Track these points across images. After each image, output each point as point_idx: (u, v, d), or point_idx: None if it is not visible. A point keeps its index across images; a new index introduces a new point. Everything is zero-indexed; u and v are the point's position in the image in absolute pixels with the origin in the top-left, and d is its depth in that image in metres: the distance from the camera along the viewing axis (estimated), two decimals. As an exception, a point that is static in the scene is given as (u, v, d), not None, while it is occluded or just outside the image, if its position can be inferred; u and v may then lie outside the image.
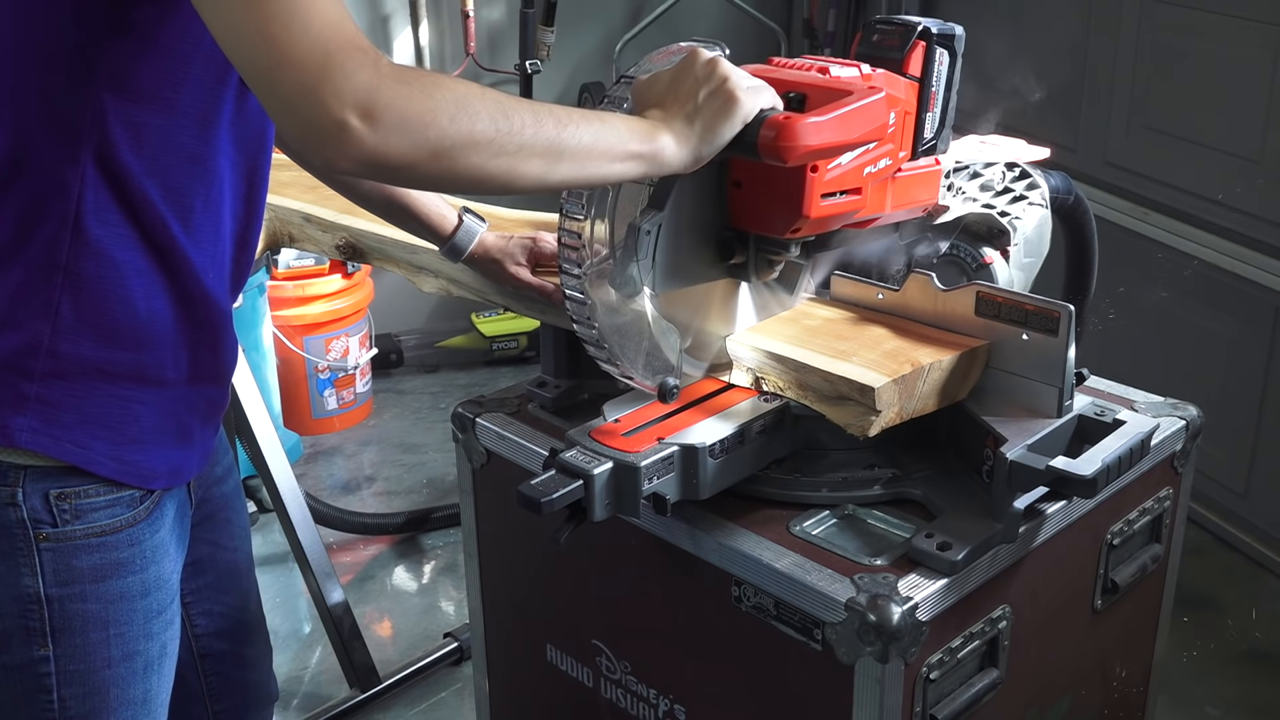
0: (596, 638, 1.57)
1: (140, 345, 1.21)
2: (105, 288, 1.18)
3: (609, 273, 1.28)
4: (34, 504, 1.19)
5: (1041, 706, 1.52)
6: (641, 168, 1.17)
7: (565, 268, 1.27)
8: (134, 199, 1.17)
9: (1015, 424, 1.35)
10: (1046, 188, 1.62)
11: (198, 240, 1.23)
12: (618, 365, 1.33)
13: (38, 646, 1.23)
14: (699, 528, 1.38)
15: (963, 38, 1.42)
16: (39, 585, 1.21)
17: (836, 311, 1.51)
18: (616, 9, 4.38)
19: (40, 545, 1.20)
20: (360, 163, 1.02)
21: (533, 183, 1.11)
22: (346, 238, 1.82)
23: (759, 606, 1.34)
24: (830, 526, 1.38)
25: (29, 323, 1.16)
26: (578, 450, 1.31)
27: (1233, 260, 2.96)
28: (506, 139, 1.07)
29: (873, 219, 1.40)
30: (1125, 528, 1.54)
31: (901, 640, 1.23)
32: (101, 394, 1.20)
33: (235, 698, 1.57)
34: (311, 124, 1.00)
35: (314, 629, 2.87)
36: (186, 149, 1.19)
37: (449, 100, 1.04)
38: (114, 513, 1.24)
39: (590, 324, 1.29)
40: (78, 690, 1.26)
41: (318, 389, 3.77)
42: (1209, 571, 3.03)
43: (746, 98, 1.20)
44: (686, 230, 1.32)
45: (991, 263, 1.55)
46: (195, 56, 1.15)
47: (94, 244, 1.16)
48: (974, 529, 1.31)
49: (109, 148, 1.14)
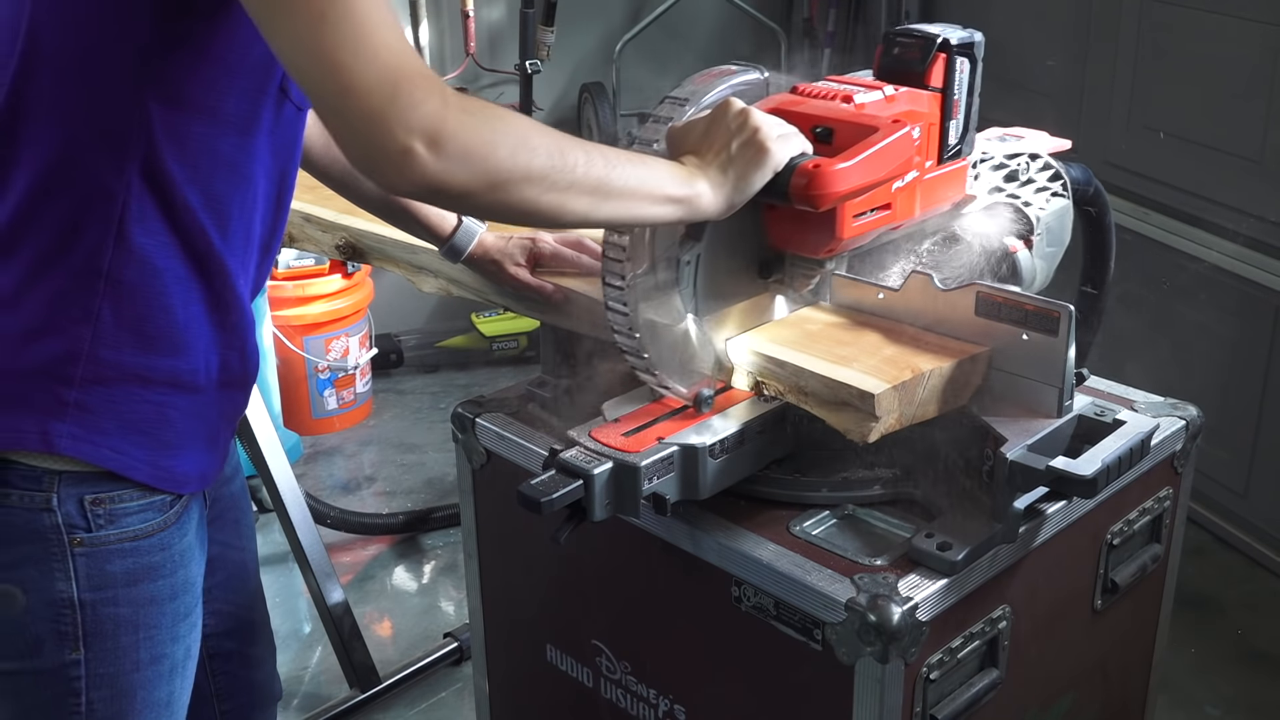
0: (596, 638, 1.57)
1: (177, 351, 1.23)
2: (146, 294, 1.19)
3: (650, 300, 1.31)
4: (69, 509, 1.21)
5: (1041, 706, 1.52)
6: (679, 212, 1.22)
7: (609, 280, 1.30)
8: (176, 206, 1.18)
9: (1015, 424, 1.34)
10: (1068, 179, 1.63)
11: (232, 246, 1.24)
12: (655, 374, 1.35)
13: (69, 650, 1.24)
14: (699, 528, 1.38)
15: (982, 44, 1.44)
16: (73, 590, 1.22)
17: (837, 316, 1.51)
18: (616, 9, 4.38)
19: (74, 550, 1.22)
20: (421, 188, 1.05)
21: (577, 219, 1.15)
22: (346, 238, 1.82)
23: (759, 606, 1.34)
24: (830, 526, 1.39)
25: (70, 329, 1.18)
26: (578, 450, 1.31)
27: (1233, 260, 2.96)
28: (559, 175, 1.11)
29: (903, 224, 1.44)
30: (1125, 528, 1.54)
31: (901, 640, 1.23)
32: (139, 400, 1.21)
33: (241, 697, 1.57)
34: (377, 149, 1.03)
35: (314, 629, 2.87)
36: (226, 157, 1.20)
37: (510, 134, 1.08)
38: (146, 517, 1.25)
39: (632, 334, 1.31)
40: (106, 693, 1.27)
41: (318, 389, 3.77)
42: (1209, 571, 3.03)
43: (777, 147, 1.24)
44: (724, 256, 1.36)
45: (1015, 252, 1.57)
46: (240, 66, 1.17)
47: (137, 251, 1.18)
48: (974, 529, 1.31)
49: (154, 156, 1.16)
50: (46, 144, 1.16)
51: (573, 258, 1.60)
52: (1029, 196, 1.60)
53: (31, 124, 1.15)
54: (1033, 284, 1.59)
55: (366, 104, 1.02)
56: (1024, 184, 1.60)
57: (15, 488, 1.20)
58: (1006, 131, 1.65)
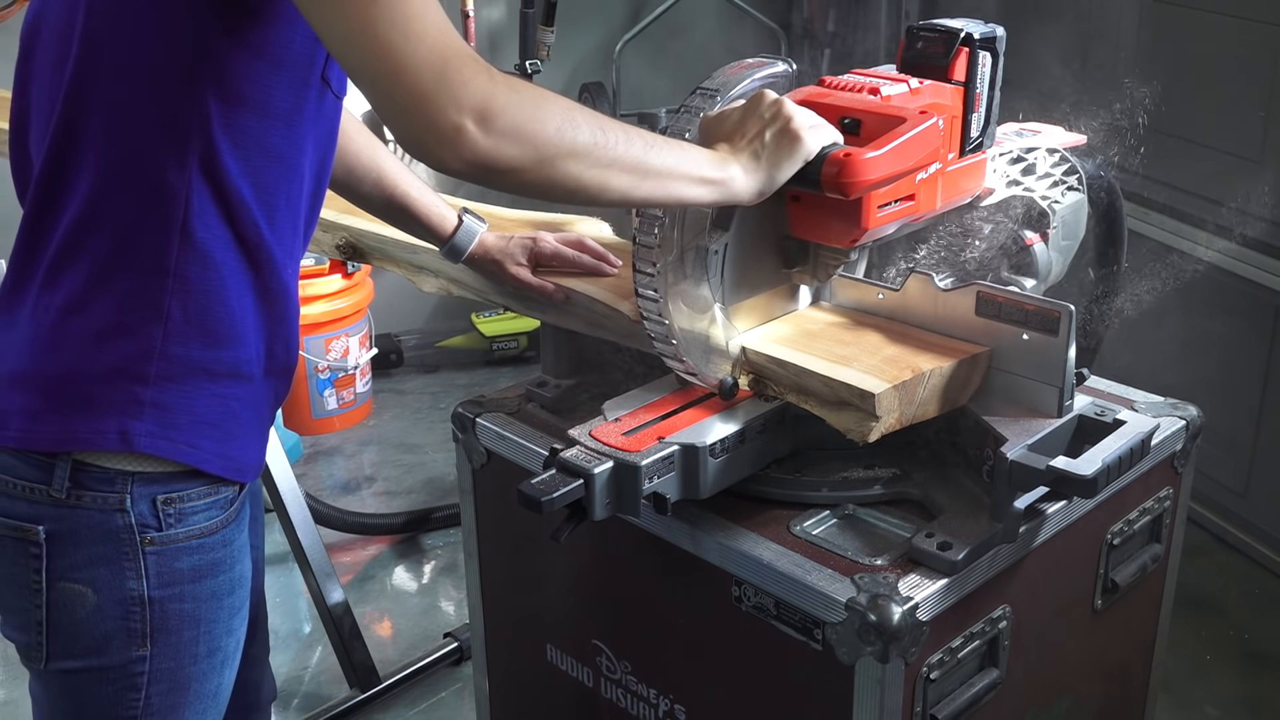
0: (596, 638, 1.57)
1: (235, 343, 1.25)
2: (208, 289, 1.22)
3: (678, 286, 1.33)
4: (141, 509, 1.23)
5: (1041, 706, 1.52)
6: (714, 194, 1.25)
7: (640, 266, 1.32)
8: (231, 200, 1.21)
9: (1015, 424, 1.35)
10: (1083, 173, 1.64)
11: (280, 237, 1.27)
12: (683, 361, 1.36)
13: (137, 647, 1.27)
14: (699, 527, 1.38)
15: (1003, 38, 1.46)
16: (143, 588, 1.25)
17: (837, 316, 1.51)
18: (616, 9, 4.38)
19: (145, 550, 1.24)
20: (472, 164, 1.07)
21: (619, 196, 1.17)
22: (346, 238, 1.82)
23: (759, 606, 1.34)
24: (830, 526, 1.38)
25: (141, 329, 1.20)
26: (578, 450, 1.31)
27: (1233, 260, 2.95)
28: (602, 152, 1.13)
29: (925, 215, 1.45)
30: (1125, 528, 1.54)
31: (902, 640, 1.23)
32: (207, 394, 1.24)
33: (238, 696, 1.57)
34: (429, 128, 1.05)
35: (314, 629, 2.87)
36: (275, 149, 1.23)
37: (556, 110, 1.11)
38: (210, 515, 1.28)
39: (661, 320, 1.33)
40: (165, 686, 1.30)
41: (318, 389, 3.77)
42: (1209, 571, 3.03)
43: (809, 136, 1.27)
44: (751, 245, 1.39)
45: (1032, 244, 1.59)
46: (285, 60, 1.19)
47: (199, 247, 1.20)
48: (974, 529, 1.31)
49: (212, 152, 1.18)
50: (110, 144, 1.18)
51: (573, 257, 1.60)
52: (1045, 190, 1.61)
53: (94, 125, 1.18)
54: (1049, 276, 1.60)
55: (416, 83, 1.04)
56: (1040, 177, 1.62)
57: (89, 489, 1.22)
58: (1023, 126, 1.66)
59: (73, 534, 1.23)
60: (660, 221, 1.30)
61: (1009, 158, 1.59)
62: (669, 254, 1.31)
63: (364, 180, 1.57)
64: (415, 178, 1.60)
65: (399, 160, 1.62)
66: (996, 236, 1.59)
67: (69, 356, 1.20)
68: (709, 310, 1.37)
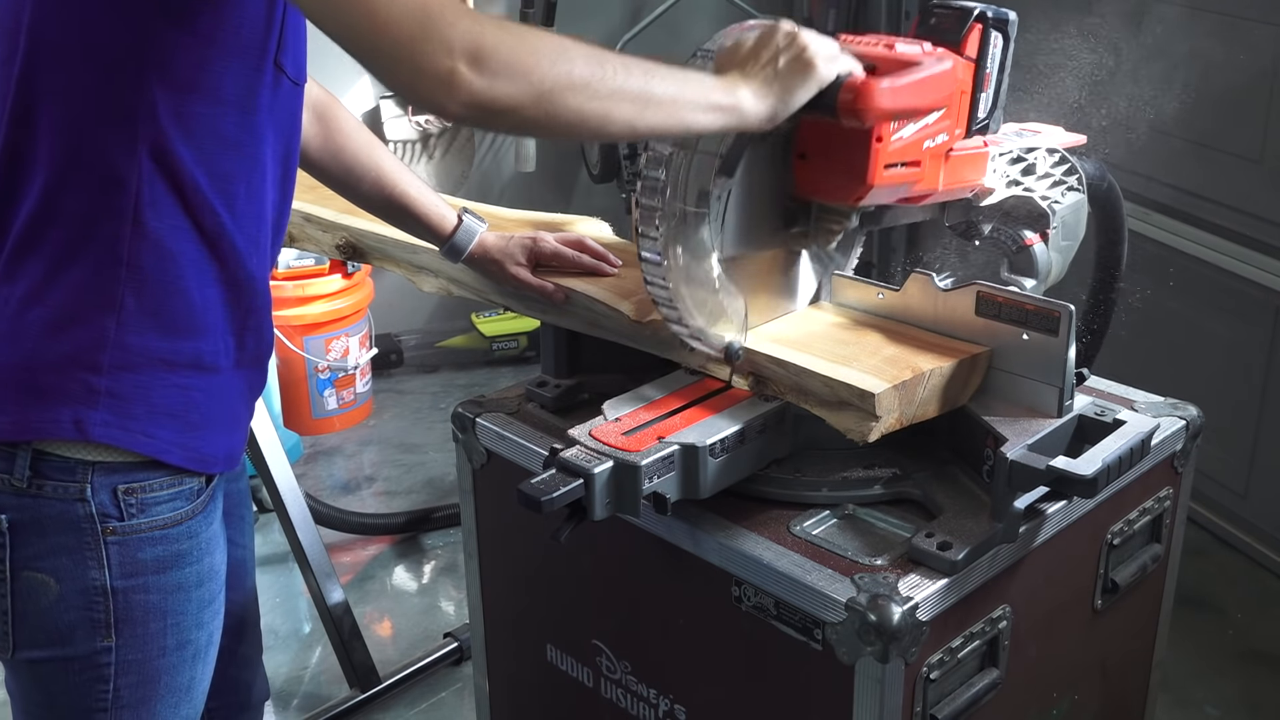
0: (596, 638, 1.57)
1: (196, 333, 1.25)
2: (164, 279, 1.21)
3: (681, 235, 1.34)
4: (102, 499, 1.23)
5: (1041, 706, 1.52)
6: (723, 119, 1.23)
7: (643, 230, 1.33)
8: (186, 189, 1.20)
9: (1015, 424, 1.35)
10: (1083, 173, 1.65)
11: (242, 225, 1.26)
12: (687, 326, 1.37)
13: (101, 638, 1.27)
14: (699, 527, 1.38)
15: (1015, 23, 1.47)
16: (105, 578, 1.25)
17: (838, 316, 1.51)
18: (616, 9, 4.38)
19: (107, 539, 1.24)
20: (470, 106, 1.07)
21: (624, 127, 1.16)
22: (346, 238, 1.82)
23: (759, 606, 1.34)
24: (830, 526, 1.38)
25: (95, 318, 1.20)
26: (578, 449, 1.31)
27: (1233, 260, 2.95)
28: (601, 83, 1.13)
29: (927, 195, 1.46)
30: (1125, 528, 1.54)
31: (902, 640, 1.23)
32: (165, 384, 1.24)
33: (228, 695, 1.58)
34: (422, 75, 1.05)
35: (314, 629, 2.87)
36: (230, 136, 1.22)
37: (548, 45, 1.11)
38: (175, 506, 1.28)
39: (664, 284, 1.34)
40: (133, 679, 1.29)
41: (318, 389, 3.77)
42: (1209, 571, 3.03)
43: (824, 64, 1.27)
44: (754, 197, 1.39)
45: (1032, 245, 1.59)
46: (235, 46, 1.19)
47: (152, 236, 1.20)
48: (974, 529, 1.31)
49: (162, 140, 1.18)
50: (61, 135, 1.18)
51: (573, 257, 1.60)
52: (1045, 190, 1.62)
53: (46, 117, 1.18)
54: (1049, 277, 1.60)
55: (400, 33, 1.04)
56: (1040, 178, 1.62)
57: (50, 479, 1.22)
58: (1022, 126, 1.66)
59: (35, 523, 1.23)
60: (661, 184, 1.30)
61: (1009, 158, 1.59)
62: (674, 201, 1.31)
63: (363, 179, 1.57)
64: (415, 177, 1.60)
65: (398, 160, 1.62)
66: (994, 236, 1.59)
67: (27, 346, 1.20)
68: (709, 263, 1.36)
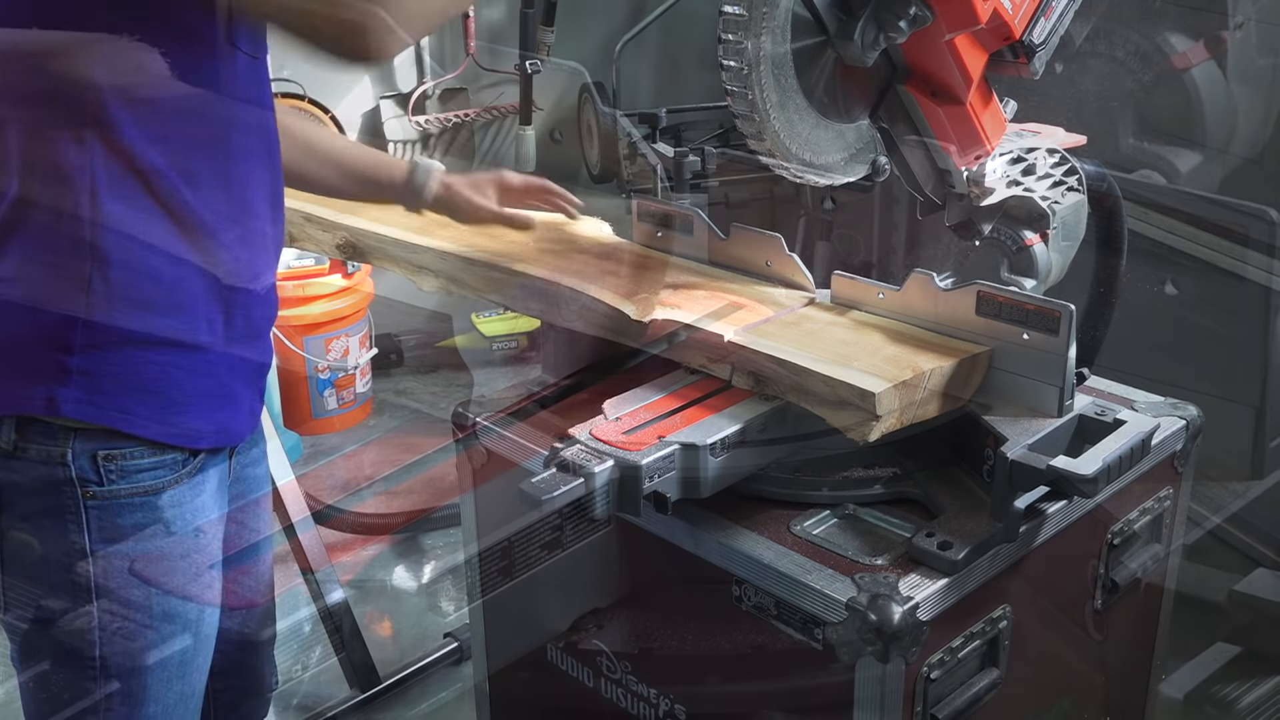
0: (596, 638, 1.57)
1: (171, 311, 1.27)
2: (130, 259, 1.23)
3: (768, 53, 1.38)
4: (82, 464, 1.25)
5: (1041, 706, 1.52)
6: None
7: (727, 62, 1.37)
8: (144, 170, 1.22)
9: (1016, 423, 1.35)
10: (1083, 174, 1.65)
11: (208, 202, 1.27)
12: (763, 140, 1.41)
13: (83, 601, 1.28)
14: (700, 527, 1.38)
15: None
16: (85, 541, 1.27)
17: (838, 316, 1.51)
18: (616, 9, 4.38)
19: (87, 503, 1.26)
20: (401, 42, 1.12)
21: None
22: (346, 237, 1.82)
23: (759, 606, 1.34)
24: (831, 526, 1.38)
25: (65, 300, 1.22)
26: (579, 448, 1.31)
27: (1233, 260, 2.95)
28: None
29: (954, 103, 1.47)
30: (1125, 528, 1.53)
31: (902, 640, 1.23)
32: (140, 361, 1.26)
33: (234, 678, 1.58)
34: (344, 32, 1.11)
35: (314, 629, 2.87)
36: (185, 114, 1.24)
37: None
38: (158, 474, 1.29)
39: (745, 93, 1.38)
40: (118, 648, 1.31)
41: (318, 389, 3.77)
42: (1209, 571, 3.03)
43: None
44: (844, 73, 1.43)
45: (1032, 245, 1.59)
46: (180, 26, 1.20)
47: (115, 218, 1.22)
48: (974, 528, 1.31)
49: (113, 124, 1.19)
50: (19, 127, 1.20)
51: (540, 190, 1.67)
52: (1045, 190, 1.62)
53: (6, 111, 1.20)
54: (1049, 277, 1.60)
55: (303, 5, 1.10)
56: (1040, 178, 1.62)
57: (34, 442, 1.25)
58: (1022, 127, 1.66)
59: (20, 485, 1.26)
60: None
61: (1009, 158, 1.59)
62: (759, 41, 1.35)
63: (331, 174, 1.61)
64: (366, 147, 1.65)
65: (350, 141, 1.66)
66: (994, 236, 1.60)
67: (7, 329, 1.24)
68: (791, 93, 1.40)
